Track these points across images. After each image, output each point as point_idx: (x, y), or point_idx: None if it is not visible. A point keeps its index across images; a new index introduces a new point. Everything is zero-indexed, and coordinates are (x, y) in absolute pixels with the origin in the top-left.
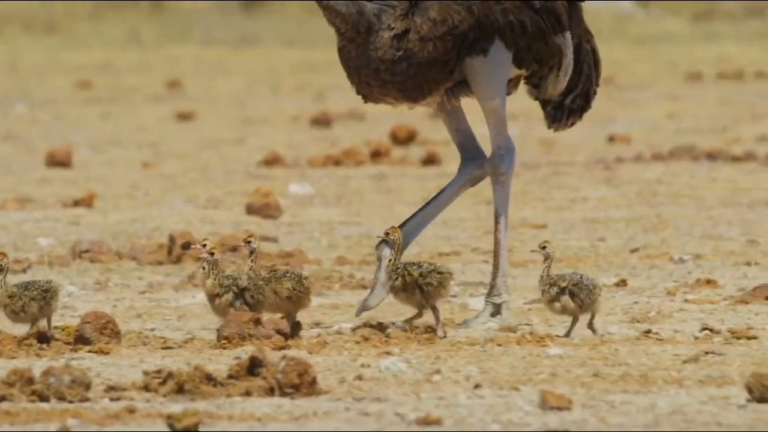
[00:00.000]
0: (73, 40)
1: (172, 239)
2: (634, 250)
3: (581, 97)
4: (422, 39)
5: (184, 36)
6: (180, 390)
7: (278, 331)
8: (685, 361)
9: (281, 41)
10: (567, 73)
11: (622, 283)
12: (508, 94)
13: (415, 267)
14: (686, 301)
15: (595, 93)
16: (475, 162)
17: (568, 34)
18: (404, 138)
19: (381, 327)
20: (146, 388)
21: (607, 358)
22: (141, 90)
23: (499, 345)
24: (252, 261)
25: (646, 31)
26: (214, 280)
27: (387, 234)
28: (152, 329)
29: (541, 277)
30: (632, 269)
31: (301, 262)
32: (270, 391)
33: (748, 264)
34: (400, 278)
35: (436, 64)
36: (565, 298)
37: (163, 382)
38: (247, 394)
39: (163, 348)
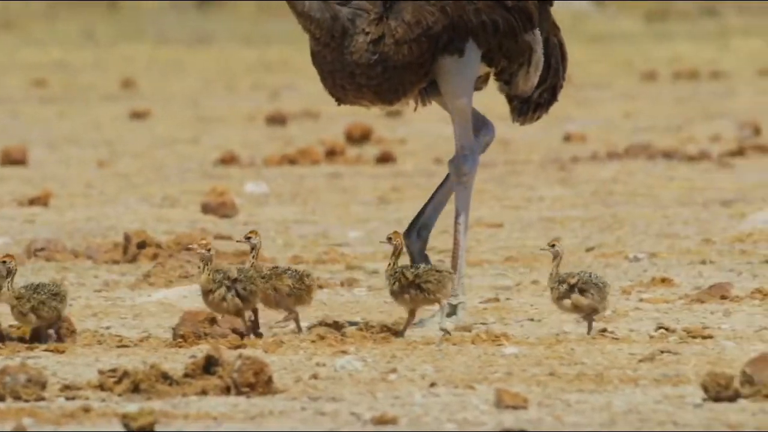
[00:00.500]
0: (29, 38)
1: (127, 238)
2: (589, 249)
3: (548, 91)
4: (397, 42)
5: (138, 35)
6: (135, 389)
7: (234, 330)
8: (640, 360)
9: (236, 40)
10: (538, 69)
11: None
12: (478, 89)
13: (411, 269)
14: (642, 300)
15: (561, 87)
16: (485, 128)
17: (537, 31)
18: (359, 137)
19: (337, 326)
20: (102, 387)
21: (562, 357)
22: (96, 89)
23: (455, 344)
24: (253, 257)
25: (602, 30)
26: (208, 275)
27: (390, 239)
28: (108, 328)
29: (551, 275)
30: (588, 268)
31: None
32: (226, 390)
33: (704, 263)
34: (397, 282)
35: (412, 67)
36: (576, 296)
37: (119, 381)
38: (203, 393)
39: (118, 347)
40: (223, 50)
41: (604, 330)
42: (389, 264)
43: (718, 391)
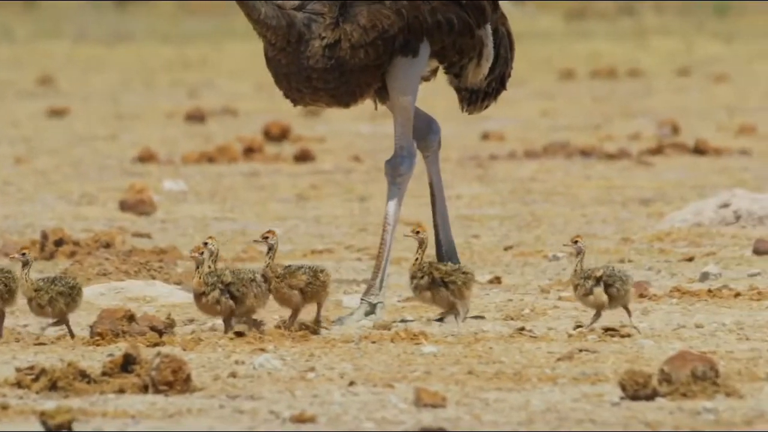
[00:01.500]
0: None
1: (44, 235)
2: (508, 248)
3: (497, 80)
4: (353, 46)
5: (57, 32)
6: (53, 387)
7: (152, 328)
8: (558, 359)
9: (155, 38)
10: (488, 61)
11: (496, 281)
12: (427, 80)
13: (436, 268)
14: (560, 298)
15: (509, 75)
16: (430, 131)
17: (488, 25)
18: (277, 135)
19: (255, 324)
20: (19, 384)
21: (481, 356)
22: (13, 85)
23: (374, 342)
24: (270, 257)
25: (520, 28)
26: (199, 278)
27: (417, 232)
28: (25, 326)
29: (575, 271)
30: (506, 267)
31: (174, 259)
32: (144, 389)
33: (622, 262)
34: (426, 276)
35: (368, 69)
36: (599, 290)
37: (36, 379)
38: (121, 391)
39: (36, 344)
40: (141, 48)
41: (522, 329)
42: (416, 259)
43: (636, 390)
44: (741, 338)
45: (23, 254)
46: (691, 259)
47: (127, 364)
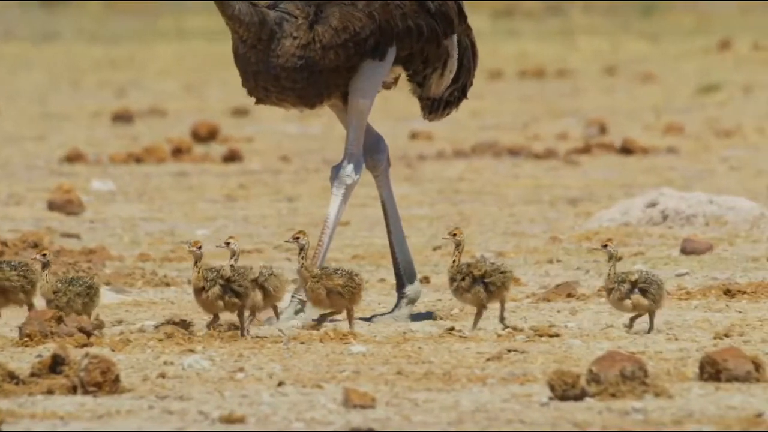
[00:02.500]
0: None
1: None
2: (436, 248)
3: (459, 90)
4: (324, 47)
5: None
6: None
7: (81, 329)
8: (488, 359)
9: (82, 38)
10: (451, 72)
11: (425, 281)
12: (388, 88)
13: (476, 266)
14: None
15: (471, 84)
16: (377, 151)
17: (455, 36)
18: (205, 135)
19: (184, 324)
20: None
21: (410, 356)
22: None
23: (302, 343)
24: (302, 258)
25: None
26: (198, 273)
27: (454, 235)
28: None
29: (608, 275)
30: (435, 266)
31: (103, 259)
32: (73, 390)
33: (550, 262)
34: (467, 277)
35: (337, 71)
36: (636, 296)
37: None
38: (50, 392)
39: None
40: (69, 47)
41: (452, 329)
42: (453, 261)
43: (565, 390)
44: (670, 338)
45: (43, 255)
46: (619, 259)
47: (56, 365)
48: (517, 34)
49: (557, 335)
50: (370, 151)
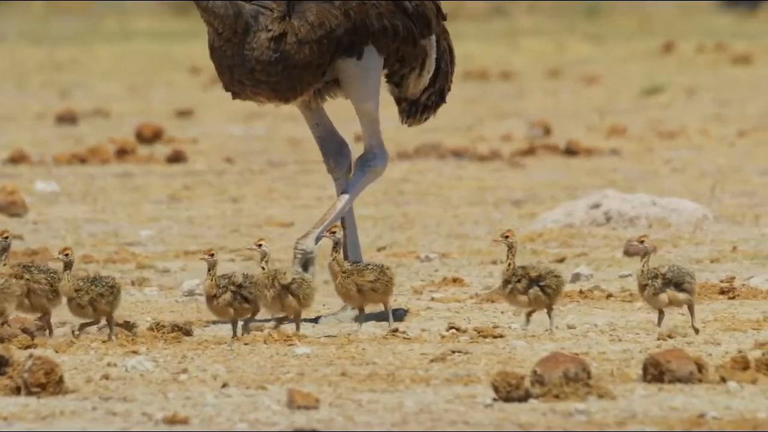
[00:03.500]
0: None
1: None
2: (380, 249)
3: (436, 94)
4: (299, 42)
5: None
6: None
7: (24, 330)
8: (432, 360)
9: (25, 39)
10: (429, 73)
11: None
12: None
13: (532, 268)
14: (433, 299)
15: (449, 89)
16: (341, 154)
17: (433, 37)
18: (150, 136)
19: (127, 326)
20: None
21: (354, 357)
22: None
23: (246, 344)
24: (336, 252)
25: None
26: (211, 280)
27: (506, 237)
28: None
29: (642, 272)
30: None
31: (46, 260)
32: (16, 391)
33: (494, 263)
34: (523, 279)
35: (311, 66)
36: (672, 291)
37: None
38: None
39: None
40: (12, 49)
41: (396, 330)
42: (508, 264)
43: (509, 391)
44: (613, 339)
45: (66, 255)
46: (562, 260)
47: (0, 366)
48: (461, 36)
49: (501, 336)
50: (334, 155)
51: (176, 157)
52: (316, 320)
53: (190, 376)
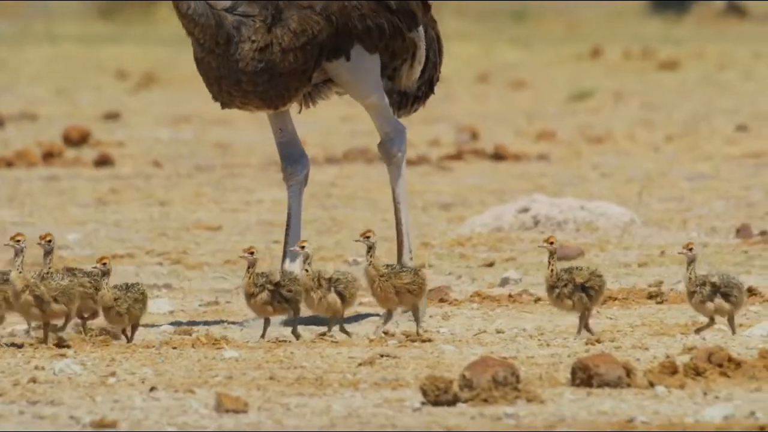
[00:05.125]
0: None
1: None
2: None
3: (426, 84)
4: (284, 50)
5: None
6: None
7: None
8: (360, 364)
9: None
10: (420, 63)
11: None
12: None
13: (578, 270)
14: (361, 303)
15: (437, 79)
16: (300, 163)
17: (421, 28)
18: (77, 139)
19: (55, 329)
20: None
21: (282, 361)
22: None
23: (174, 348)
24: (370, 256)
25: None
26: (249, 279)
27: (551, 242)
28: None
29: (689, 279)
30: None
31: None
32: None
33: (423, 266)
34: (569, 284)
35: (297, 73)
36: (719, 300)
37: None
38: None
39: None
40: None
41: (324, 334)
42: (550, 270)
43: (438, 395)
44: (542, 344)
45: (104, 264)
46: (491, 264)
47: None
48: None
49: (429, 340)
50: (292, 162)
51: (103, 161)
52: (242, 324)
53: (119, 380)
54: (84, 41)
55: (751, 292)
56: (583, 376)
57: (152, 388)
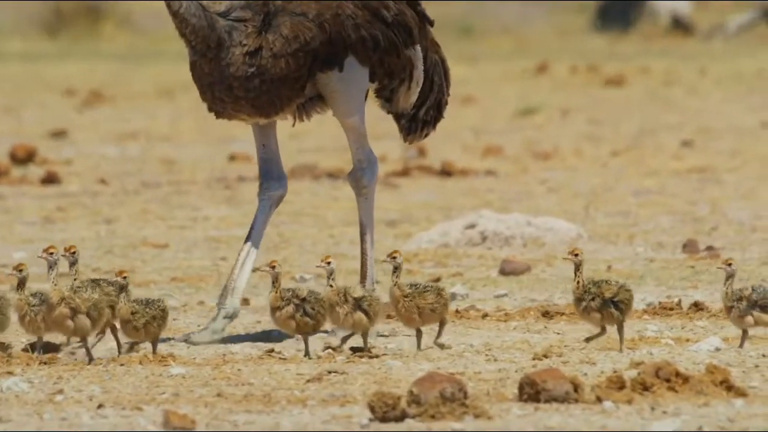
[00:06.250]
0: None
1: None
2: (255, 270)
3: (434, 108)
4: (275, 56)
5: None
6: None
7: None
8: (308, 381)
9: None
10: (418, 85)
11: (244, 302)
12: None
13: (606, 284)
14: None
15: (446, 103)
16: (278, 182)
17: (418, 47)
18: (23, 157)
19: (2, 347)
20: None
21: (230, 378)
22: None
23: (122, 365)
24: (396, 276)
25: None
26: (276, 293)
27: (576, 254)
28: None
29: (726, 293)
30: (254, 288)
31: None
32: None
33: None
34: (597, 297)
35: (288, 81)
36: (758, 314)
37: None
38: None
39: None
40: None
41: (272, 350)
42: (576, 282)
43: (386, 411)
44: (489, 359)
45: (124, 277)
46: (438, 280)
47: None
48: None
49: (377, 356)
50: (269, 179)
51: (50, 179)
52: (187, 338)
53: (66, 397)
54: (30, 58)
55: (698, 307)
56: (531, 392)
57: (100, 406)
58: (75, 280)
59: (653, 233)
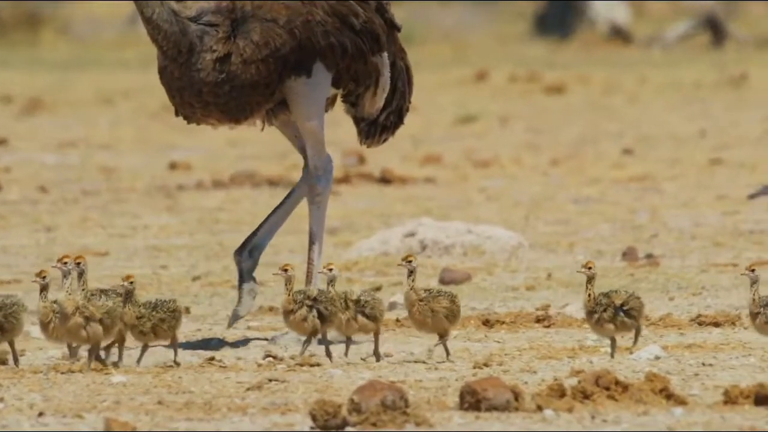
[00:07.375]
0: None
1: None
2: (196, 278)
3: (394, 114)
4: (245, 62)
5: None
6: None
7: None
8: (248, 389)
9: None
10: (384, 91)
11: (185, 311)
12: (325, 111)
13: (615, 293)
14: (249, 328)
15: (407, 110)
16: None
17: (385, 54)
18: None
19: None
20: None
21: (170, 386)
22: None
23: (63, 373)
24: (412, 280)
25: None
26: (288, 296)
27: (589, 267)
28: None
29: (753, 300)
30: (195, 297)
31: None
32: None
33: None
34: (608, 308)
35: (258, 86)
36: None
37: None
38: None
39: None
40: None
41: (212, 358)
42: (588, 294)
43: (327, 420)
44: (430, 368)
45: (130, 282)
46: (378, 289)
47: None
48: None
49: (318, 365)
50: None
51: None
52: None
53: (6, 405)
54: None
55: None
56: (472, 400)
57: (40, 414)
58: (83, 290)
59: (593, 241)
